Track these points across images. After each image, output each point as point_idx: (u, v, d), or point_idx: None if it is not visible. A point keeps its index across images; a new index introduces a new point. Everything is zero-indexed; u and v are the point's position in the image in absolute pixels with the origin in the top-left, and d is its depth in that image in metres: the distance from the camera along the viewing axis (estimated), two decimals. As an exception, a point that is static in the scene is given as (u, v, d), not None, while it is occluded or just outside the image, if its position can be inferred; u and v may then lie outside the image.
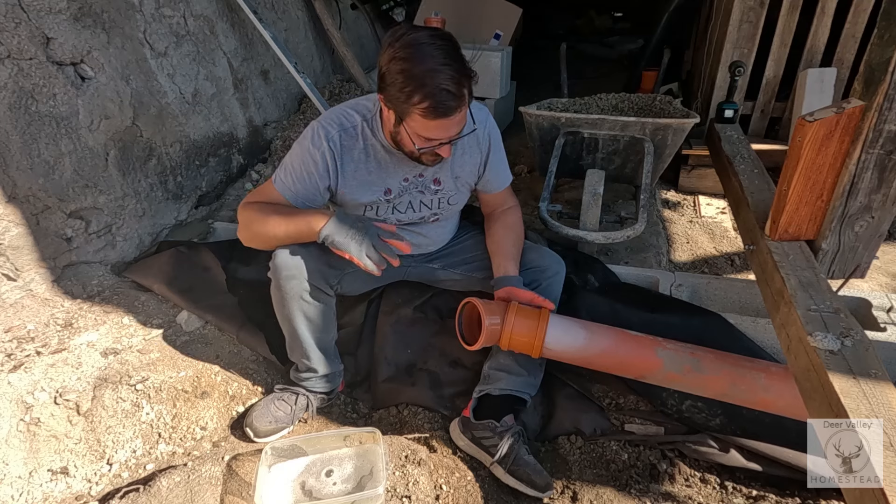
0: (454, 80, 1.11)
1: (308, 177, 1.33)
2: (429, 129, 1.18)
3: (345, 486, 1.30)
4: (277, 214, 1.30)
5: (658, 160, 2.11)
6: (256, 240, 1.35)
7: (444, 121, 1.16)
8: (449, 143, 1.24)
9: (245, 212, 1.34)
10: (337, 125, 1.33)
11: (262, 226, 1.31)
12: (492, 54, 3.00)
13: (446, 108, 1.13)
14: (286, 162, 1.35)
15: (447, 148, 1.25)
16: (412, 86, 1.11)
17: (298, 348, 1.46)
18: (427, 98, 1.11)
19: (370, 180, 1.38)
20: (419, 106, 1.13)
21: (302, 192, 1.34)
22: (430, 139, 1.21)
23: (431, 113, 1.13)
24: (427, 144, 1.23)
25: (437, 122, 1.16)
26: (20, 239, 1.64)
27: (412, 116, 1.16)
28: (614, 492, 1.35)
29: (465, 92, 1.15)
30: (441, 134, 1.20)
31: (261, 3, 2.64)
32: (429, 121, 1.15)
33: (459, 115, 1.17)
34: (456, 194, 1.47)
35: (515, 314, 1.32)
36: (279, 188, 1.34)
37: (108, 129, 1.86)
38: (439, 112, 1.13)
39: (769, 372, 1.27)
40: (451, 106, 1.13)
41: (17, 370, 1.44)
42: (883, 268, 2.09)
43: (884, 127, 1.11)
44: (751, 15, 2.36)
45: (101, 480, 1.35)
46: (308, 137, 1.33)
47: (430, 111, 1.13)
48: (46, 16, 1.65)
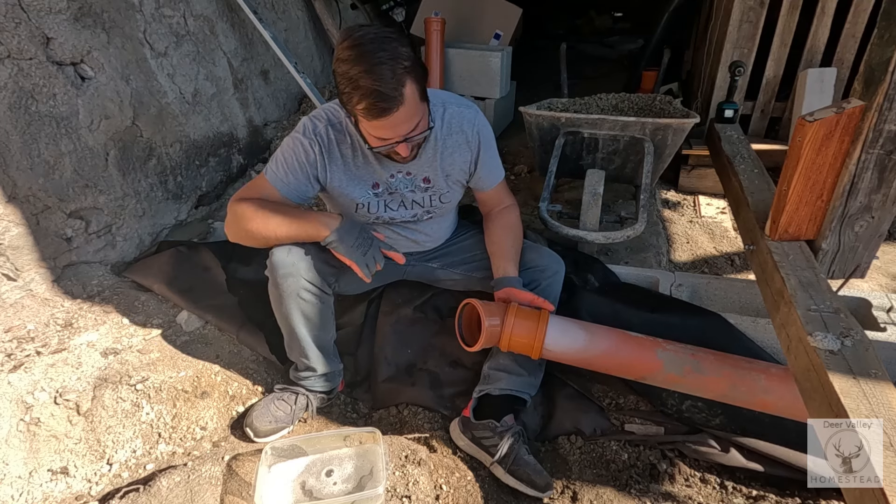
0: (388, 80, 1.10)
1: (300, 167, 1.34)
2: (375, 128, 1.18)
3: (345, 486, 1.30)
4: (280, 214, 1.30)
5: (658, 160, 2.11)
6: (248, 237, 1.33)
7: (384, 120, 1.14)
8: (405, 142, 1.22)
9: (240, 207, 1.31)
10: (325, 119, 1.35)
11: (262, 223, 1.30)
12: (492, 54, 3.00)
13: (380, 109, 1.12)
14: (277, 155, 1.36)
15: (404, 147, 1.23)
16: (350, 87, 1.12)
17: (297, 347, 1.46)
18: (363, 99, 1.11)
19: (358, 175, 1.39)
20: (358, 107, 1.14)
21: (293, 182, 1.35)
22: (382, 139, 1.21)
23: (369, 113, 1.14)
24: (381, 144, 1.22)
25: (379, 122, 1.15)
26: (20, 239, 1.64)
27: (359, 117, 1.18)
28: (614, 492, 1.35)
29: (402, 91, 1.12)
30: (389, 133, 1.19)
31: (261, 3, 2.64)
32: (371, 121, 1.16)
33: (402, 114, 1.15)
34: (448, 192, 1.48)
35: (515, 315, 1.32)
36: (271, 179, 1.34)
37: (108, 129, 1.86)
38: (375, 112, 1.13)
39: (769, 373, 1.27)
40: (385, 107, 1.12)
41: (17, 370, 1.43)
42: (883, 268, 2.09)
43: (884, 127, 1.11)
44: (751, 15, 2.36)
45: (101, 480, 1.35)
46: (298, 130, 1.35)
47: (367, 112, 1.13)
48: (46, 16, 1.65)
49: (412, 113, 1.18)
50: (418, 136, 1.24)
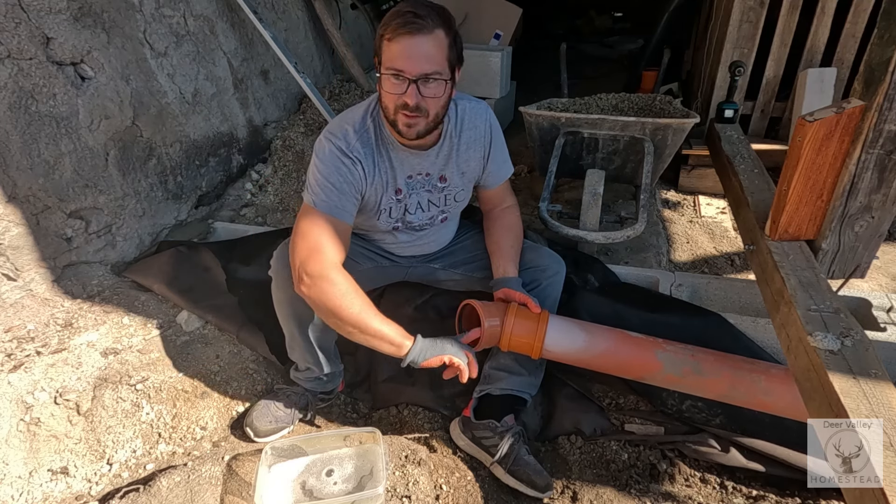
0: (422, 8, 1.15)
1: (349, 187, 1.28)
2: (393, 55, 1.16)
3: (345, 485, 1.30)
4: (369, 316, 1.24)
5: (658, 160, 2.11)
6: (334, 322, 1.26)
7: (406, 41, 1.14)
8: (415, 85, 1.18)
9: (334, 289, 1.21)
10: (353, 133, 1.30)
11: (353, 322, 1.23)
12: (492, 54, 3.00)
13: (406, 23, 1.13)
14: (320, 182, 1.27)
15: (412, 91, 1.18)
16: (385, 20, 1.16)
17: (298, 348, 1.46)
18: (393, 18, 1.15)
19: (385, 180, 1.36)
20: (386, 31, 1.15)
21: (348, 206, 1.29)
22: (397, 70, 1.17)
23: (394, 31, 1.14)
24: (396, 79, 1.18)
25: (400, 45, 1.14)
26: (20, 239, 1.64)
27: (382, 49, 1.18)
28: (614, 492, 1.35)
29: (433, 23, 1.15)
30: (404, 63, 1.16)
31: (261, 3, 2.64)
32: (392, 43, 1.15)
33: (425, 43, 1.14)
34: (462, 191, 1.47)
35: (515, 316, 1.32)
36: (326, 209, 1.25)
37: (108, 129, 1.86)
38: (400, 26, 1.13)
39: (769, 374, 1.27)
40: (412, 25, 1.13)
41: (17, 370, 1.43)
42: (883, 268, 2.09)
43: (884, 127, 1.11)
44: (751, 15, 2.36)
45: (101, 480, 1.35)
46: (334, 150, 1.28)
47: (392, 30, 1.14)
48: (46, 16, 1.65)
49: (434, 52, 1.17)
50: (431, 87, 1.19)
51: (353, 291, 1.22)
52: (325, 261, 1.21)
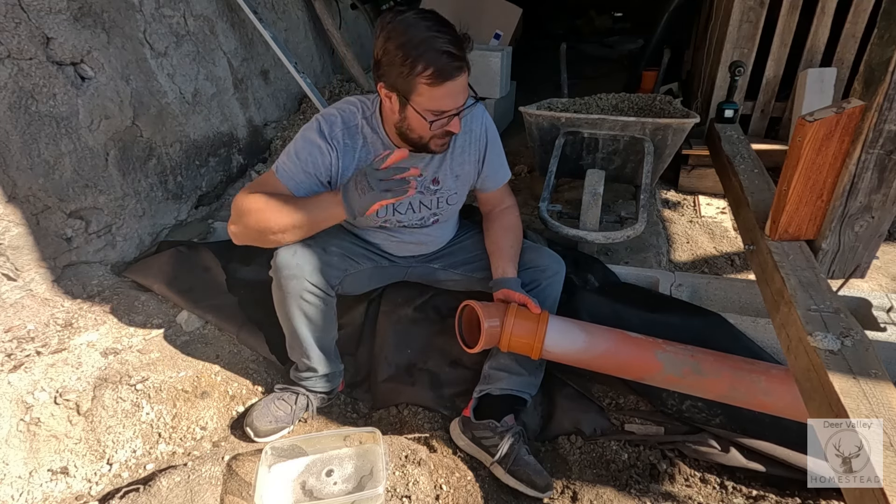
0: (453, 43, 1.12)
1: (314, 167, 1.31)
2: (436, 98, 1.16)
3: (345, 485, 1.30)
4: (288, 203, 1.25)
5: (658, 160, 2.11)
6: (255, 230, 1.26)
7: (450, 85, 1.15)
8: (458, 116, 1.22)
9: (247, 199, 1.25)
10: (340, 122, 1.33)
11: (272, 214, 1.23)
12: (492, 54, 3.00)
13: (451, 69, 1.13)
14: (289, 152, 1.32)
15: (457, 122, 1.23)
16: (413, 55, 1.11)
17: (299, 348, 1.46)
18: (431, 63, 1.12)
19: None
20: (424, 74, 1.13)
21: (305, 182, 1.31)
22: (439, 112, 1.19)
23: (438, 77, 1.13)
24: (438, 119, 1.20)
25: (445, 88, 1.15)
26: (20, 239, 1.64)
27: (418, 90, 1.16)
28: (614, 492, 1.35)
29: (465, 55, 1.15)
30: (449, 102, 1.18)
31: (261, 3, 2.64)
32: (436, 88, 1.14)
33: (463, 79, 1.17)
34: (455, 194, 1.47)
35: (515, 316, 1.32)
36: (282, 177, 1.30)
37: (108, 129, 1.86)
38: (445, 74, 1.13)
39: (769, 375, 1.27)
40: (455, 66, 1.13)
41: (17, 370, 1.44)
42: (883, 268, 2.09)
43: (884, 127, 1.11)
44: (751, 15, 2.36)
45: (101, 480, 1.35)
46: (314, 129, 1.31)
47: (436, 75, 1.13)
48: (46, 16, 1.65)
49: (467, 82, 1.19)
50: (466, 110, 1.23)
51: (273, 195, 1.25)
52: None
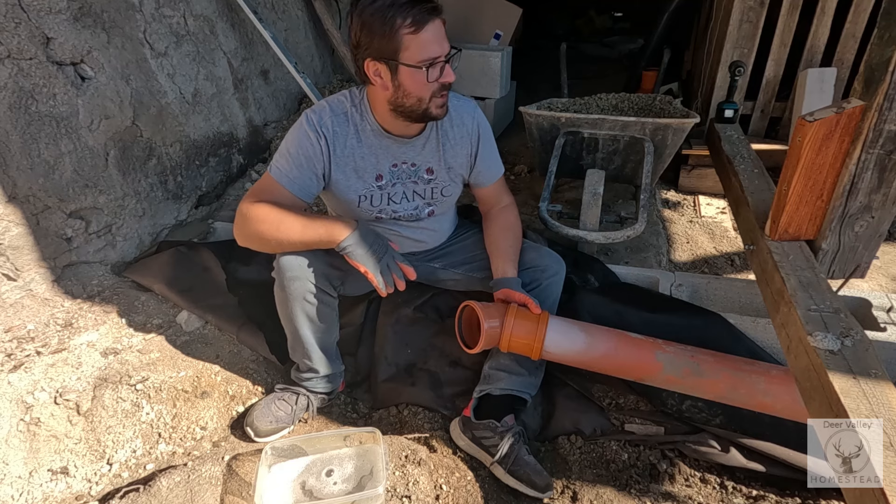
0: None
1: (305, 161, 1.32)
2: (422, 45, 1.18)
3: (345, 485, 1.30)
4: (293, 217, 1.26)
5: (658, 160, 2.11)
6: (258, 240, 1.29)
7: (431, 27, 1.18)
8: (448, 63, 1.24)
9: (250, 209, 1.27)
10: (328, 110, 1.34)
11: (273, 226, 1.26)
12: (492, 54, 3.00)
13: (427, 11, 1.16)
14: (281, 150, 1.34)
15: (449, 71, 1.25)
16: (389, 14, 1.15)
17: (300, 348, 1.46)
18: (408, 13, 1.15)
19: (362, 166, 1.38)
20: (404, 25, 1.16)
21: (299, 178, 1.32)
22: (431, 59, 1.21)
23: (418, 22, 1.16)
24: (432, 66, 1.22)
25: (427, 33, 1.17)
26: (20, 239, 1.64)
27: (404, 44, 1.18)
28: (614, 492, 1.35)
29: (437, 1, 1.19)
30: (436, 48, 1.21)
31: (261, 3, 2.64)
32: (419, 34, 1.17)
33: (441, 22, 1.21)
34: (449, 185, 1.48)
35: (515, 317, 1.32)
36: (276, 176, 1.31)
37: (108, 129, 1.86)
38: (423, 17, 1.16)
39: (769, 376, 1.27)
40: (429, 8, 1.17)
41: (17, 370, 1.44)
42: (883, 268, 2.09)
43: (884, 127, 1.11)
44: (751, 15, 2.36)
45: (101, 480, 1.35)
46: (302, 123, 1.33)
47: (415, 21, 1.15)
48: (46, 16, 1.65)
49: (444, 26, 1.22)
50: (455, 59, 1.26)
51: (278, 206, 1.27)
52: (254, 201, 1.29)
